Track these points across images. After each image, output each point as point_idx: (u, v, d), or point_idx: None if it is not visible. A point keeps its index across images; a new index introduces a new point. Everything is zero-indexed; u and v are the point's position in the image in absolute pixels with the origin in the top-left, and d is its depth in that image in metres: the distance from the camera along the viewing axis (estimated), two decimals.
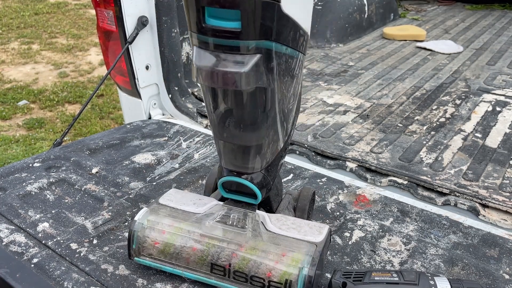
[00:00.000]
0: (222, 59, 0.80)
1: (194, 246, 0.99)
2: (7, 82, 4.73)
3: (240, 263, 0.95)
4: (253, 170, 1.01)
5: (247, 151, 0.97)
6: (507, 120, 1.82)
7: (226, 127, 0.93)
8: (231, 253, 0.96)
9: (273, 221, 1.04)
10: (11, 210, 1.27)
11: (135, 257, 1.04)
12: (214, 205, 1.09)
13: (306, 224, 1.04)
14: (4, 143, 3.53)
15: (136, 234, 1.02)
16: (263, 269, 0.94)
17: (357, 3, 3.15)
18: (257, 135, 0.93)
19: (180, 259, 1.00)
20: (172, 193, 1.14)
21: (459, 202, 1.33)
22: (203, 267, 0.98)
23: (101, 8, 1.85)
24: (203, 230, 1.00)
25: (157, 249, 1.01)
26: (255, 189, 1.02)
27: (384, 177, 1.47)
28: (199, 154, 1.61)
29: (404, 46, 2.92)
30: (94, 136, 1.73)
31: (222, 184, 1.06)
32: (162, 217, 1.04)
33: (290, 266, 0.93)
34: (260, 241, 0.98)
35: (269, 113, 0.91)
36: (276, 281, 0.93)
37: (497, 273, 1.05)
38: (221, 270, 0.97)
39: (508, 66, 2.48)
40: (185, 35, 2.06)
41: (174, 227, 1.02)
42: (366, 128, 1.77)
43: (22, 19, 6.93)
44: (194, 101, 2.06)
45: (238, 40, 0.77)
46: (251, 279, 0.95)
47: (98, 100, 4.32)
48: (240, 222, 1.02)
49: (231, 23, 0.76)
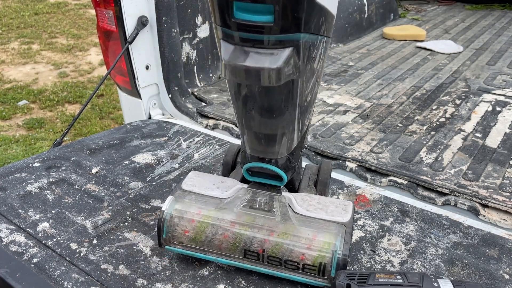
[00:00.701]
0: (254, 54, 0.75)
1: (225, 234, 1.00)
2: (7, 82, 4.73)
3: (273, 248, 0.98)
4: (279, 155, 1.02)
5: (274, 138, 0.97)
6: (507, 120, 1.82)
7: (253, 118, 0.93)
8: (263, 239, 0.98)
9: (299, 203, 1.06)
10: (11, 210, 1.27)
11: (166, 246, 1.05)
12: (239, 188, 1.10)
13: (331, 202, 1.07)
14: (4, 143, 3.53)
15: (166, 223, 1.03)
16: (296, 253, 0.97)
17: (357, 3, 3.15)
18: (285, 122, 0.93)
19: (212, 246, 1.02)
20: (193, 177, 1.14)
21: (459, 202, 1.33)
22: (236, 253, 1.00)
23: (101, 8, 1.85)
24: (232, 217, 1.02)
25: (187, 238, 1.03)
26: (281, 173, 1.04)
27: (384, 177, 1.47)
28: (199, 154, 1.61)
29: (404, 46, 2.92)
30: (94, 136, 1.73)
31: (246, 169, 1.07)
32: (188, 205, 1.05)
33: (322, 249, 0.96)
34: (291, 225, 1.00)
35: (296, 101, 0.90)
36: (310, 264, 0.96)
37: (497, 273, 1.05)
38: (254, 256, 0.99)
39: (508, 66, 2.48)
40: (185, 35, 2.07)
41: (202, 215, 1.03)
42: (366, 128, 1.77)
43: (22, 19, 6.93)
44: (194, 101, 2.06)
45: (270, 34, 0.73)
46: (285, 263, 0.97)
47: (98, 100, 4.32)
48: (267, 205, 1.04)
49: (263, 17, 0.72)
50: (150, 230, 1.20)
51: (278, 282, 1.02)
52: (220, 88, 2.17)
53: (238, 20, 0.73)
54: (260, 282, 1.02)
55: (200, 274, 1.05)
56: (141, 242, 1.16)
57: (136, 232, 1.19)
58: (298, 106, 0.92)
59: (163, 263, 1.08)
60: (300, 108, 0.93)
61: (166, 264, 1.08)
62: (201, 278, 1.04)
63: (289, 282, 1.02)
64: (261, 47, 0.75)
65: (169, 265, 1.08)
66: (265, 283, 1.02)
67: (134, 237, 1.17)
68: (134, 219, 1.25)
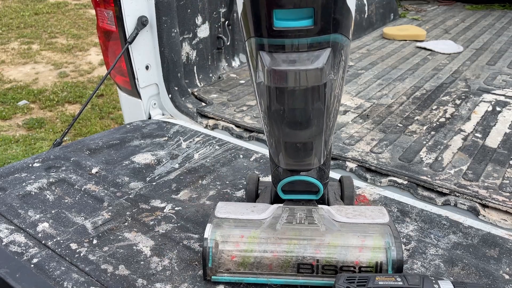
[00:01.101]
0: (296, 58, 0.79)
1: (275, 251, 0.99)
2: (7, 82, 4.73)
3: (326, 257, 0.98)
4: (314, 165, 1.03)
5: (309, 147, 0.98)
6: (507, 120, 1.82)
7: (289, 127, 0.93)
8: (314, 250, 0.98)
9: (337, 212, 1.06)
10: (11, 210, 1.27)
11: (212, 276, 1.00)
12: (274, 208, 1.08)
13: (365, 209, 1.08)
14: (4, 143, 3.53)
15: (211, 251, 0.99)
16: (350, 258, 0.97)
17: (357, 3, 3.14)
18: (318, 128, 0.95)
19: (262, 267, 0.99)
20: (223, 206, 1.11)
21: (459, 202, 1.33)
22: (288, 269, 0.99)
23: (101, 8, 1.85)
24: (277, 234, 1.00)
25: (235, 263, 0.99)
26: (318, 184, 1.04)
27: (384, 177, 1.47)
28: (199, 154, 1.61)
29: (404, 46, 2.92)
30: (94, 136, 1.73)
31: (282, 186, 1.07)
32: (229, 229, 1.02)
33: (375, 249, 0.97)
34: (337, 232, 1.00)
35: (329, 105, 0.92)
36: (366, 266, 0.96)
37: (497, 273, 1.05)
38: (308, 268, 0.99)
39: (508, 66, 2.48)
40: (185, 35, 2.07)
41: (247, 237, 1.00)
42: (366, 128, 1.77)
43: (22, 19, 6.93)
44: (194, 101, 2.06)
45: (310, 37, 0.77)
46: (341, 269, 0.98)
47: (98, 100, 4.32)
48: (307, 219, 1.04)
49: (303, 21, 0.75)
50: (150, 230, 1.20)
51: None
52: (220, 88, 2.17)
53: (278, 28, 0.76)
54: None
55: (200, 274, 1.05)
56: (141, 242, 1.16)
57: (136, 232, 1.19)
58: (328, 110, 0.93)
59: (163, 263, 1.08)
60: (330, 113, 0.95)
61: (166, 264, 1.08)
62: (201, 278, 1.04)
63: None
64: (304, 51, 0.79)
65: (169, 265, 1.08)
66: (265, 283, 1.02)
67: (134, 237, 1.17)
68: (134, 219, 1.25)
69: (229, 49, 2.37)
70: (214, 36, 2.24)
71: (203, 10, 2.12)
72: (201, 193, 1.38)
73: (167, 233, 1.19)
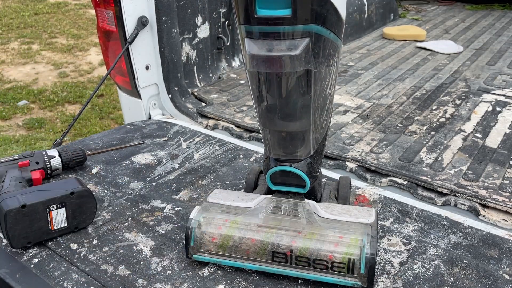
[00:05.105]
0: (275, 46, 0.84)
1: (253, 237, 1.01)
2: (7, 82, 4.74)
3: (301, 248, 0.99)
4: (301, 157, 1.05)
5: (295, 137, 1.01)
6: (507, 120, 1.82)
7: (274, 116, 0.97)
8: (290, 240, 1.00)
9: (323, 209, 1.08)
10: None
11: (193, 254, 1.05)
12: (263, 198, 1.12)
13: (354, 208, 1.09)
14: (4, 143, 3.53)
15: (194, 231, 1.04)
16: (324, 252, 0.98)
17: (357, 3, 3.15)
18: (304, 121, 0.98)
19: (240, 252, 1.02)
20: (218, 193, 1.17)
21: (459, 202, 1.33)
22: (264, 256, 1.01)
23: (101, 8, 1.86)
24: (259, 221, 1.04)
25: (215, 244, 1.03)
26: (304, 176, 1.06)
27: (384, 177, 1.47)
28: (199, 154, 1.61)
29: (404, 46, 2.92)
30: (94, 136, 1.74)
31: (270, 176, 1.10)
32: (215, 213, 1.07)
33: (350, 246, 0.97)
34: (317, 226, 1.02)
35: (315, 98, 0.95)
36: (338, 262, 0.97)
37: (497, 273, 1.05)
38: (282, 258, 1.00)
39: (508, 66, 2.48)
40: (185, 35, 2.07)
41: (230, 221, 1.05)
42: (366, 128, 1.77)
43: (22, 19, 6.93)
44: (194, 101, 2.06)
45: (288, 26, 0.82)
46: (313, 262, 0.98)
47: (98, 100, 4.32)
48: (292, 211, 1.06)
49: (282, 10, 0.81)
50: (150, 231, 1.20)
51: (278, 282, 1.02)
52: (220, 88, 2.17)
53: (260, 16, 0.82)
54: (260, 282, 1.02)
55: (200, 274, 1.05)
56: (141, 242, 1.16)
57: (136, 233, 1.19)
58: (316, 105, 0.96)
59: (163, 264, 1.08)
60: (318, 107, 0.98)
61: (166, 264, 1.08)
62: (201, 278, 1.04)
63: (288, 282, 1.02)
64: (281, 39, 0.84)
65: (169, 265, 1.08)
66: (265, 283, 1.02)
67: (134, 238, 1.17)
68: (134, 219, 1.25)
69: (229, 49, 2.37)
70: (214, 36, 2.24)
71: (203, 10, 2.12)
72: (201, 193, 1.38)
73: (167, 233, 1.19)
